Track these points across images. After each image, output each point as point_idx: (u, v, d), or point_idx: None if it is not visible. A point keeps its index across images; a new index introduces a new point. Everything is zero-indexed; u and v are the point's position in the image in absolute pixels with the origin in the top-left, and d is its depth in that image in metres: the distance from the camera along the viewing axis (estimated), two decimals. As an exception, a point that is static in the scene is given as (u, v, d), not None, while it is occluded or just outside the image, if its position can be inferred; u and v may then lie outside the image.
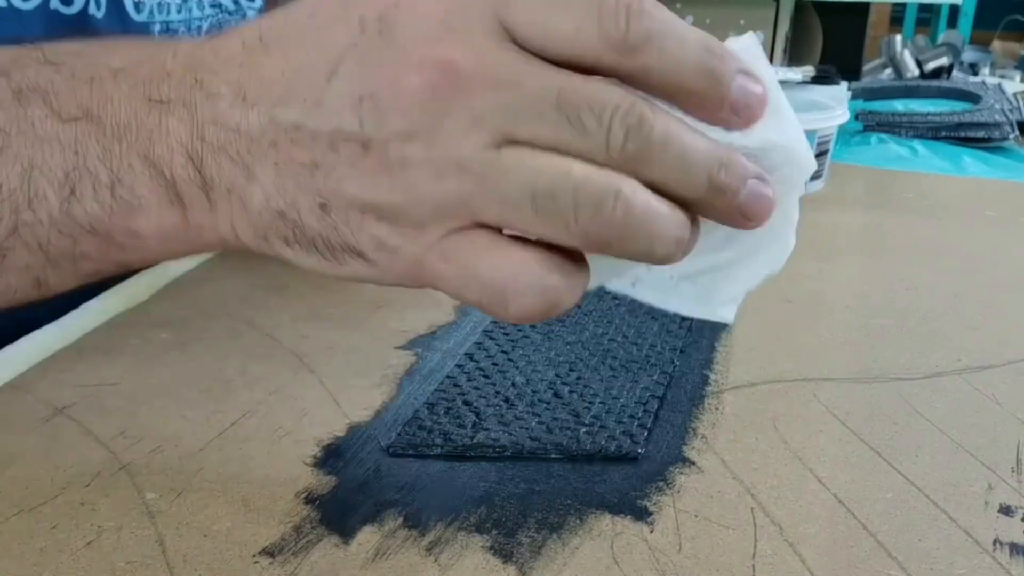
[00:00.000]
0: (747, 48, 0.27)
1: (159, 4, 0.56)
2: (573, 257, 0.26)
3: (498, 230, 0.26)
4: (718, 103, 0.25)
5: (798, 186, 0.29)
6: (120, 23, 0.53)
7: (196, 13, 0.60)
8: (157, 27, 0.56)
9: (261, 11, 0.67)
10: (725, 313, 0.31)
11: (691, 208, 0.26)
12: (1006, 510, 0.33)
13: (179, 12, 0.58)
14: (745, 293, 0.31)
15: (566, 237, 0.25)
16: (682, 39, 0.24)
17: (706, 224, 0.27)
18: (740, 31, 0.82)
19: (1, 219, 0.28)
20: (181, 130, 0.28)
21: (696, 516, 0.33)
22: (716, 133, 0.26)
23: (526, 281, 0.25)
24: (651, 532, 0.32)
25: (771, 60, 0.83)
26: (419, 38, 0.25)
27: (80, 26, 0.51)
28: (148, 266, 0.31)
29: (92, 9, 0.51)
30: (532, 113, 0.24)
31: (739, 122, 0.26)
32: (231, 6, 0.63)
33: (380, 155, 0.25)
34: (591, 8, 0.24)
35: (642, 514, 0.33)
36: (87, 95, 0.29)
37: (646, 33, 0.24)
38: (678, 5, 0.84)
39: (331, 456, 0.36)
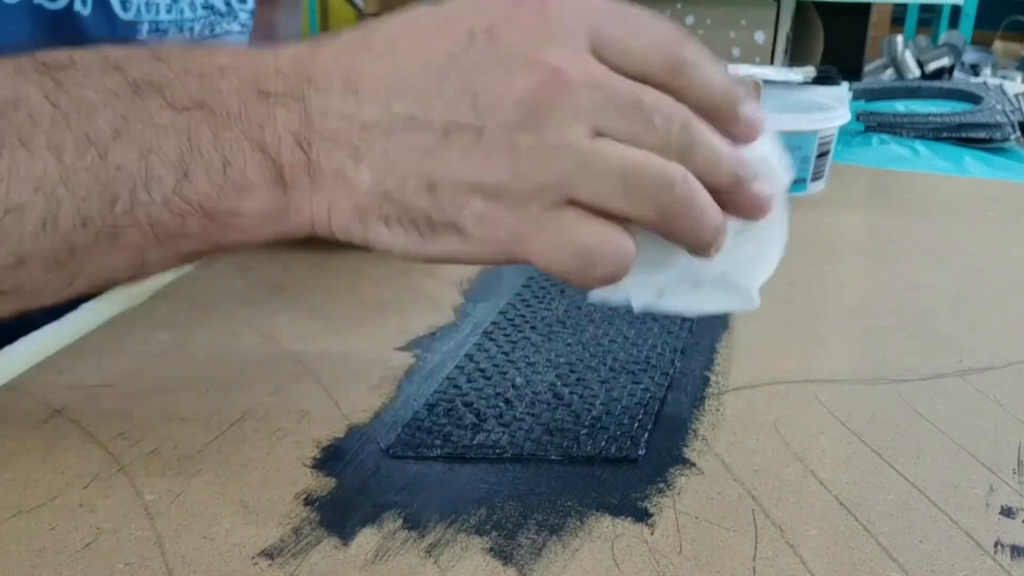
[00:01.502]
0: (746, 82, 0.37)
1: (147, 3, 0.56)
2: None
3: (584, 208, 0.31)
4: (734, 118, 0.32)
5: (784, 191, 0.36)
6: (106, 20, 0.53)
7: (188, 14, 0.60)
8: (145, 26, 0.56)
9: (252, 13, 0.66)
10: (755, 301, 0.37)
11: (718, 200, 0.32)
12: (1007, 512, 0.33)
13: (169, 12, 0.58)
14: (765, 281, 0.37)
15: (645, 212, 0.31)
16: (712, 69, 0.32)
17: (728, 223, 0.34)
18: (741, 31, 0.82)
19: (119, 199, 0.31)
20: (291, 119, 0.32)
21: (697, 518, 0.32)
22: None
23: (614, 244, 0.31)
24: (651, 534, 0.32)
25: (772, 60, 0.83)
26: (526, 45, 0.30)
27: (65, 22, 0.51)
28: (241, 249, 0.34)
29: (78, 6, 0.51)
30: (619, 111, 0.30)
31: (746, 136, 0.33)
32: (223, 8, 0.63)
33: (492, 142, 0.30)
34: (655, 38, 0.31)
35: (642, 516, 0.32)
36: (198, 88, 0.32)
37: (690, 60, 0.31)
38: (679, 5, 0.84)
39: (330, 457, 0.36)
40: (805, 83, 0.75)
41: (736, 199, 0.33)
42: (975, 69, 2.20)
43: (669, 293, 0.37)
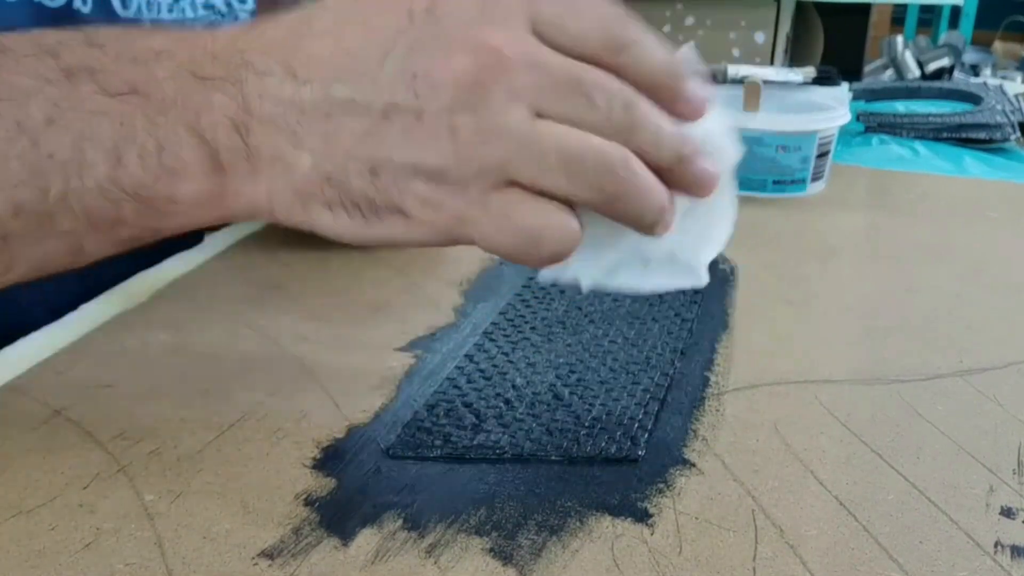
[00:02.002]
0: (689, 59, 0.35)
1: (148, 2, 0.56)
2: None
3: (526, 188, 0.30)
4: (677, 96, 0.32)
5: (731, 168, 0.36)
6: (107, 18, 0.53)
7: (189, 14, 0.59)
8: (146, 24, 0.56)
9: (253, 14, 0.66)
10: (703, 278, 0.37)
11: (663, 178, 0.32)
12: (1007, 512, 0.33)
13: (170, 11, 0.58)
14: (713, 257, 0.37)
15: (586, 193, 0.30)
16: (655, 48, 0.31)
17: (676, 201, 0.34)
18: (741, 31, 0.82)
19: (52, 187, 0.30)
20: (228, 104, 0.31)
21: (697, 518, 0.32)
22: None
23: (557, 225, 0.30)
24: (651, 534, 0.32)
25: (772, 61, 0.83)
26: (465, 25, 0.30)
27: (65, 20, 0.51)
28: (178, 232, 0.33)
29: (77, 4, 0.51)
30: (559, 92, 0.30)
31: (690, 114, 0.32)
32: (223, 8, 0.63)
33: (432, 124, 0.30)
34: (596, 17, 0.31)
35: (642, 516, 0.32)
36: (132, 73, 0.31)
37: (632, 39, 0.31)
38: (679, 6, 0.84)
39: (330, 458, 0.36)
40: (805, 83, 0.75)
41: (680, 177, 0.32)
42: (975, 69, 2.20)
43: (617, 272, 0.37)
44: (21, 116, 0.30)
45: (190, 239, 0.59)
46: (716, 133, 0.35)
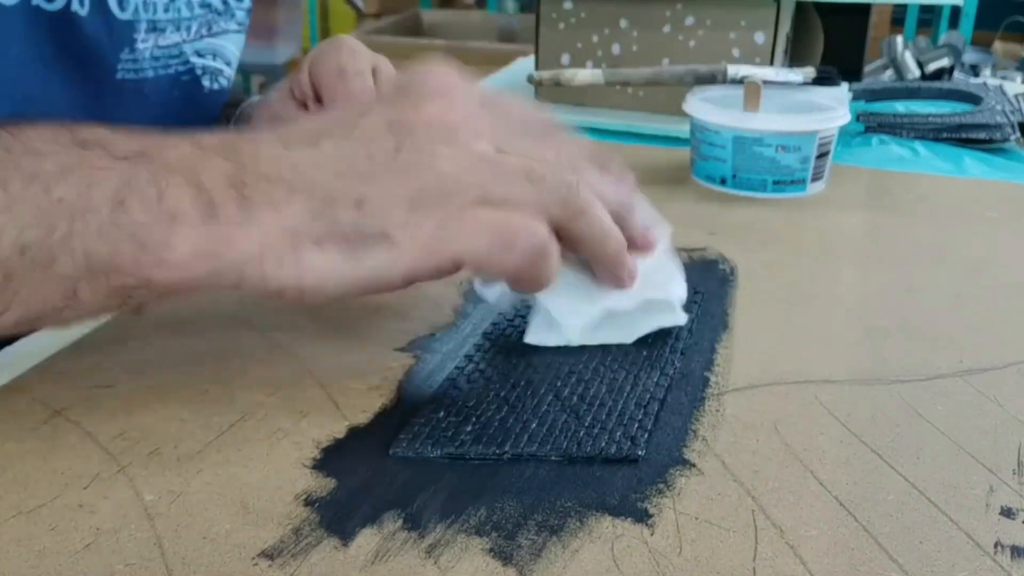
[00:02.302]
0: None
1: (144, 2, 0.55)
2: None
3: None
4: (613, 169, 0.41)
5: (668, 236, 0.46)
6: (103, 20, 0.53)
7: (185, 13, 0.59)
8: (143, 25, 0.56)
9: (249, 12, 0.66)
10: (681, 316, 0.45)
11: None
12: (1007, 512, 0.33)
13: (166, 11, 0.58)
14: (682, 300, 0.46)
15: (553, 206, 0.36)
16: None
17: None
18: (741, 32, 0.82)
19: (57, 228, 0.32)
20: (226, 166, 0.34)
21: (697, 518, 0.32)
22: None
23: (527, 229, 0.35)
24: (651, 535, 0.32)
25: (772, 61, 0.83)
26: (431, 91, 0.37)
27: (63, 22, 0.51)
28: (175, 292, 0.34)
29: (75, 6, 0.51)
30: (515, 135, 0.37)
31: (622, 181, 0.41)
32: (220, 6, 0.63)
33: (411, 156, 0.34)
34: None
35: (642, 516, 0.32)
36: (140, 144, 0.34)
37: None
38: (679, 6, 0.84)
39: (330, 458, 0.36)
40: (805, 84, 0.75)
41: (629, 229, 0.41)
42: (975, 70, 2.19)
43: (600, 328, 0.43)
44: (36, 169, 0.33)
45: None
46: (644, 208, 0.43)
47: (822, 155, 0.69)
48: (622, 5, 0.87)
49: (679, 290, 0.45)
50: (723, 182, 0.70)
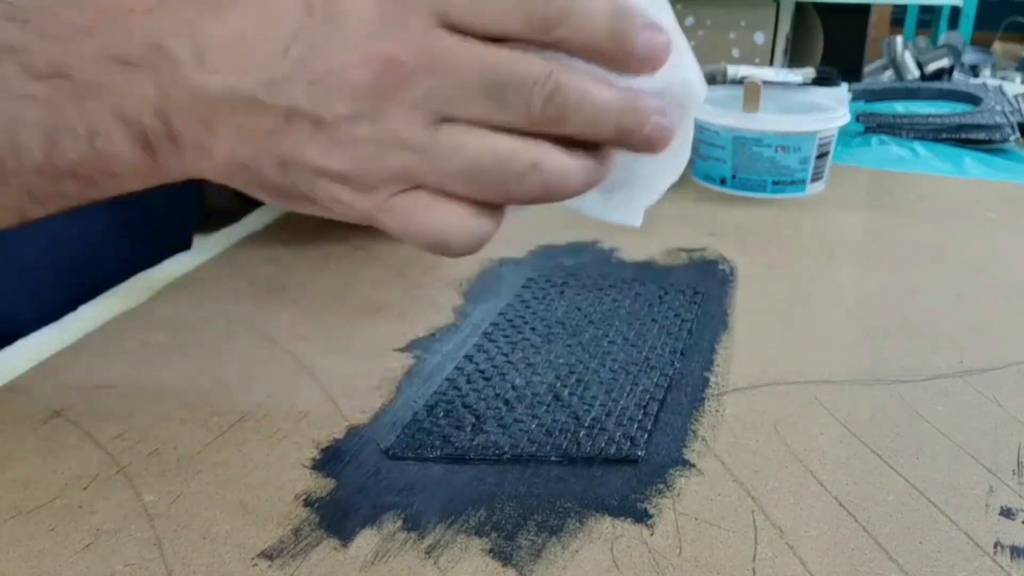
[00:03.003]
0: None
1: None
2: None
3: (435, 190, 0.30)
4: (626, 59, 0.30)
5: (693, 108, 0.34)
6: None
7: None
8: None
9: None
10: (637, 219, 0.35)
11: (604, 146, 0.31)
12: (1007, 512, 0.33)
13: None
14: (653, 201, 0.35)
15: (493, 198, 0.30)
16: (591, 12, 0.29)
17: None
18: (741, 32, 0.82)
19: None
20: (148, 90, 0.31)
21: (696, 519, 0.32)
22: (625, 79, 0.31)
23: (461, 229, 0.31)
24: (651, 535, 0.32)
25: (771, 61, 0.83)
26: (362, 30, 0.29)
27: None
28: (124, 195, 0.34)
29: None
30: (463, 96, 0.29)
31: (645, 70, 0.30)
32: None
33: (331, 132, 0.30)
34: None
35: (642, 517, 0.32)
36: (57, 53, 0.31)
37: (560, 12, 0.28)
38: (678, 6, 0.84)
39: (330, 459, 0.36)
40: (805, 84, 0.75)
41: (629, 144, 0.31)
42: (974, 70, 2.20)
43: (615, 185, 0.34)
44: None
45: (181, 245, 0.58)
46: (677, 80, 0.32)
47: (822, 155, 0.69)
48: (622, 5, 0.87)
49: (661, 182, 0.36)
50: (723, 182, 0.70)
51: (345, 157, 0.30)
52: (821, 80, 0.75)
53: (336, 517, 0.32)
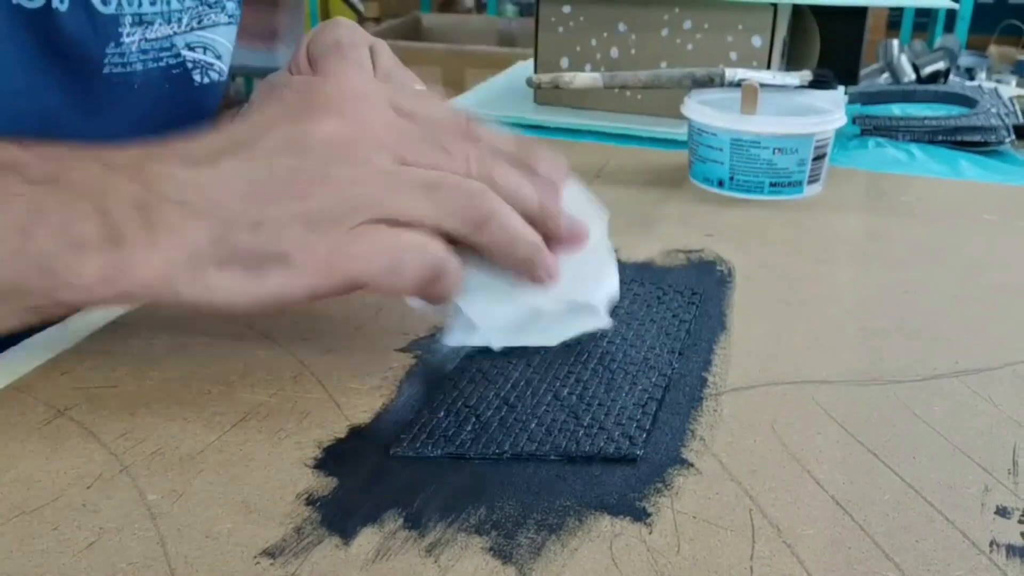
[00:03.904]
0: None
1: None
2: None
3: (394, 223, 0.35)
4: (534, 162, 0.40)
5: (603, 223, 0.42)
6: (86, 16, 0.52)
7: (175, 5, 0.57)
8: (128, 19, 0.54)
9: (240, 4, 0.65)
10: (604, 318, 0.43)
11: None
12: (1002, 512, 0.33)
13: (153, 4, 0.56)
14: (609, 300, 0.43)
15: (452, 220, 0.36)
16: (503, 135, 0.40)
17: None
18: (738, 35, 0.82)
19: None
20: (131, 187, 0.34)
21: (695, 518, 0.33)
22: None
23: (418, 250, 0.35)
24: (650, 533, 0.32)
25: (769, 64, 0.83)
26: (335, 97, 0.37)
27: (44, 20, 0.50)
28: (81, 308, 0.37)
29: (56, 3, 0.50)
30: (419, 145, 0.37)
31: (551, 175, 0.40)
32: None
33: (308, 176, 0.35)
34: (444, 106, 0.39)
35: (641, 515, 0.33)
36: (51, 168, 0.35)
37: (479, 130, 0.39)
38: (676, 10, 0.84)
39: (332, 458, 0.36)
40: (802, 87, 0.75)
41: (552, 228, 0.39)
42: (970, 73, 2.20)
43: (524, 329, 0.42)
44: None
45: None
46: (578, 198, 0.40)
47: (819, 157, 0.70)
48: (620, 9, 0.88)
49: (608, 286, 0.43)
50: (720, 184, 0.71)
51: (318, 195, 0.35)
52: (818, 83, 0.76)
53: (338, 516, 0.32)
